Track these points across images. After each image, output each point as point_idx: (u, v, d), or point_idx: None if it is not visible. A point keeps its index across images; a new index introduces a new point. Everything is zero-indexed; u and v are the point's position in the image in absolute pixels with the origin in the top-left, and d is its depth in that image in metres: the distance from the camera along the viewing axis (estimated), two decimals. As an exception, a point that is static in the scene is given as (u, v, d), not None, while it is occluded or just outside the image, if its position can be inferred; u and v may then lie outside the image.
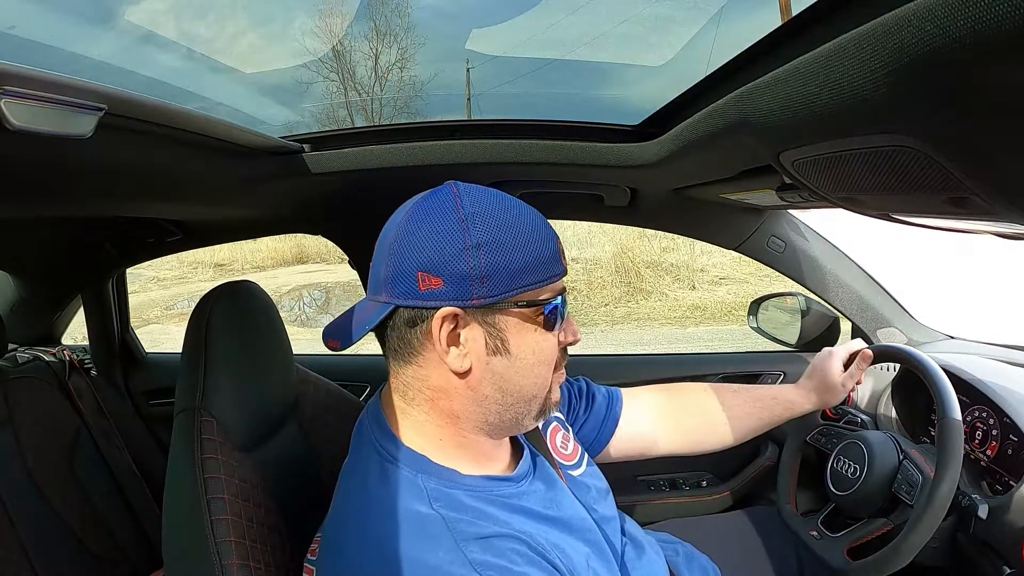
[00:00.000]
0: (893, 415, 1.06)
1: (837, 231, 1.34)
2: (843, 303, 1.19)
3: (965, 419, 0.88)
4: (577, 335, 0.62)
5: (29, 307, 1.52)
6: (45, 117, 0.44)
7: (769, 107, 0.51)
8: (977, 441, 0.89)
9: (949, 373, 0.86)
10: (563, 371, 0.63)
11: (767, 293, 1.33)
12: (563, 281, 0.59)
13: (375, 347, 0.62)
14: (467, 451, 0.59)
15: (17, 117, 0.41)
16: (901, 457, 0.85)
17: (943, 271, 5.65)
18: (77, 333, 1.88)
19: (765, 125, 0.53)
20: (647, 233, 6.75)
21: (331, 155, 0.99)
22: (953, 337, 1.19)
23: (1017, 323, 4.12)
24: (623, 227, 5.46)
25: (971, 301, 4.75)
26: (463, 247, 0.52)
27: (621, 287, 6.76)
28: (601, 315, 6.20)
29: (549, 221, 0.60)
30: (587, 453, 0.78)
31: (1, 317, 1.31)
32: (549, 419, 0.74)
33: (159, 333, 6.10)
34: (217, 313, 0.73)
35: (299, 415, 0.83)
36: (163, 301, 7.85)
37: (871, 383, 1.12)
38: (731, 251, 1.23)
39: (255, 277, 1.09)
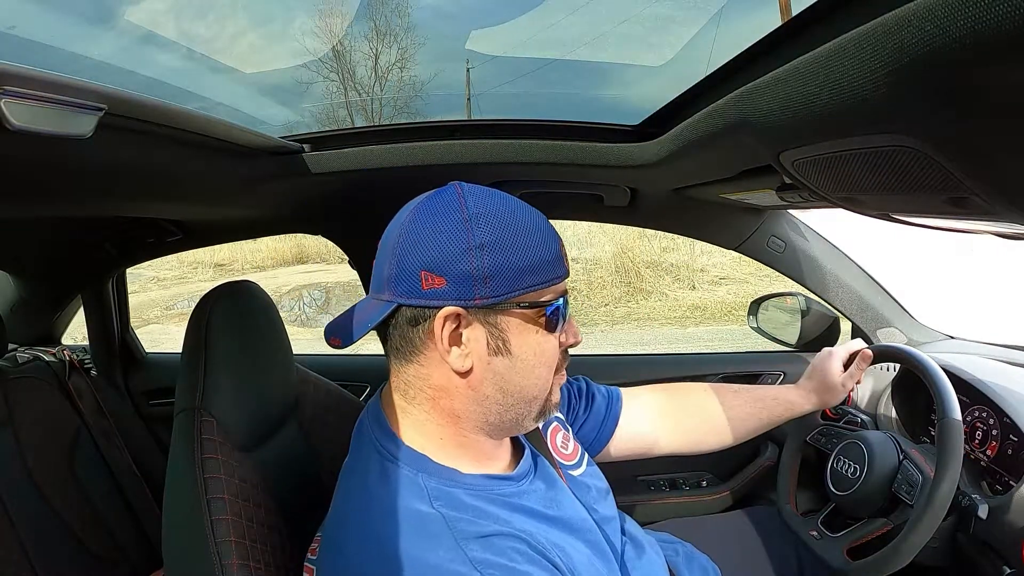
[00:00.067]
0: (893, 415, 1.06)
1: (837, 231, 1.34)
2: (843, 303, 1.19)
3: (965, 419, 0.88)
4: (578, 337, 0.62)
5: (29, 307, 1.52)
6: (45, 117, 0.44)
7: (769, 107, 0.51)
8: (977, 441, 0.89)
9: (949, 373, 0.86)
10: (564, 373, 0.63)
11: (767, 293, 1.33)
12: (565, 283, 0.59)
13: (375, 347, 0.62)
14: (467, 450, 0.59)
15: (17, 117, 0.41)
16: (901, 457, 0.85)
17: (943, 271, 5.65)
18: (77, 333, 1.88)
19: (765, 125, 0.53)
20: (647, 233, 6.75)
21: (331, 155, 0.99)
22: (953, 337, 1.19)
23: (1017, 323, 4.12)
24: (623, 227, 5.46)
25: (971, 301, 4.75)
26: (467, 247, 0.52)
27: (621, 287, 6.76)
28: (601, 315, 6.19)
29: (550, 222, 0.60)
30: (587, 453, 0.78)
31: (1, 317, 1.31)
32: (549, 419, 0.74)
33: (159, 333, 6.10)
34: (217, 313, 0.73)
35: (299, 415, 0.83)
36: (163, 301, 7.85)
37: (871, 383, 1.12)
38: (731, 251, 1.23)
39: (255, 277, 1.09)
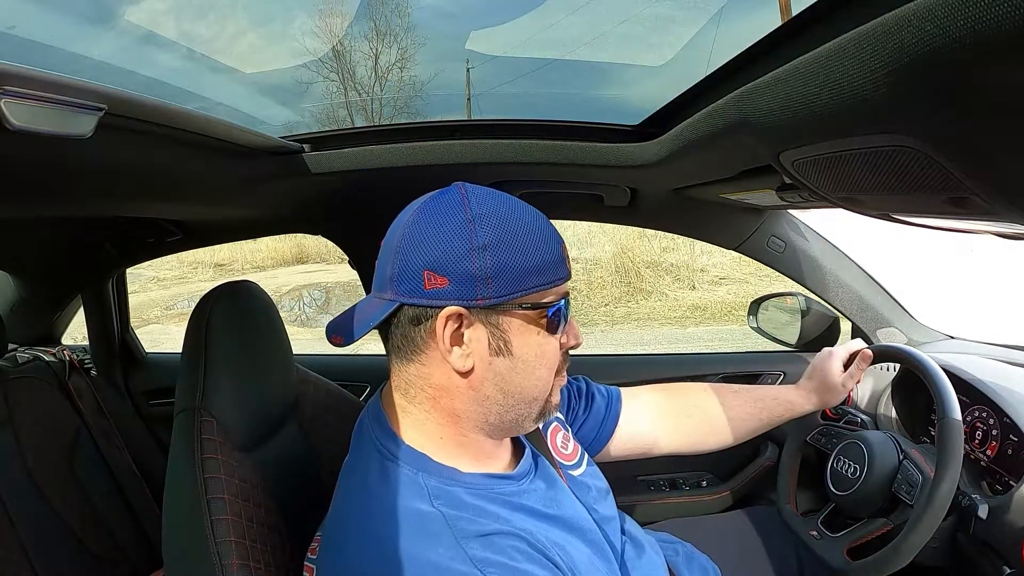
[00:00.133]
0: (893, 415, 1.06)
1: (837, 231, 1.34)
2: (843, 303, 1.19)
3: (965, 419, 0.88)
4: (579, 339, 0.62)
5: (29, 307, 1.52)
6: (45, 117, 0.44)
7: (769, 107, 0.51)
8: (977, 441, 0.89)
9: (949, 373, 0.86)
10: (564, 374, 0.63)
11: (767, 293, 1.33)
12: (567, 285, 0.59)
13: (375, 347, 0.62)
14: (467, 450, 0.59)
15: (17, 117, 0.41)
16: (901, 457, 0.85)
17: (943, 271, 5.65)
18: (77, 333, 1.88)
19: (765, 125, 0.53)
20: (647, 233, 6.75)
21: (331, 155, 0.99)
22: (953, 337, 1.19)
23: (1017, 323, 4.12)
24: (623, 227, 5.46)
25: (971, 301, 4.75)
26: (470, 247, 0.52)
27: (621, 287, 6.76)
28: (601, 315, 6.19)
29: (552, 223, 0.60)
30: (587, 453, 0.78)
31: (1, 317, 1.31)
32: (549, 419, 0.74)
33: (159, 333, 6.10)
34: (217, 313, 0.73)
35: (299, 415, 0.83)
36: (163, 301, 7.85)
37: (871, 383, 1.12)
38: (731, 251, 1.23)
39: (255, 277, 1.09)
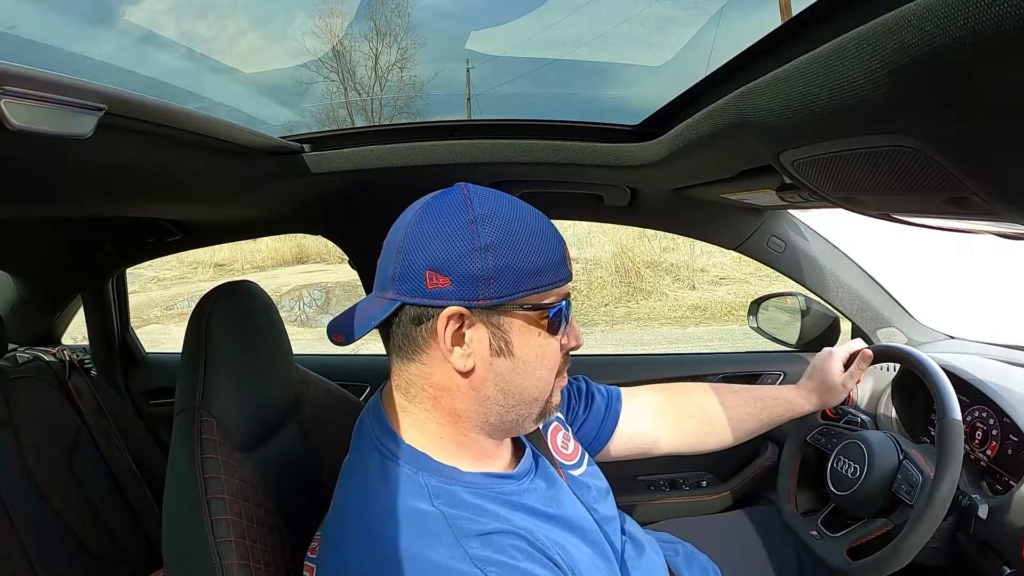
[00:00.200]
0: (893, 415, 1.06)
1: (837, 231, 1.34)
2: (843, 303, 1.19)
3: (965, 419, 0.88)
4: (580, 340, 0.62)
5: (29, 307, 1.52)
6: (45, 117, 0.44)
7: (769, 107, 0.51)
8: (977, 441, 0.89)
9: (949, 373, 0.86)
10: (565, 375, 0.63)
11: (767, 293, 1.33)
12: (568, 286, 0.59)
13: (375, 347, 0.62)
14: (468, 449, 0.59)
15: (17, 117, 0.41)
16: (901, 457, 0.85)
17: (943, 271, 5.65)
18: (77, 333, 1.88)
19: (765, 125, 0.53)
20: (647, 233, 6.75)
21: (331, 155, 0.99)
22: (953, 337, 1.19)
23: (1017, 323, 4.12)
24: (623, 227, 5.46)
25: (971, 301, 4.75)
26: (472, 248, 0.53)
27: (621, 287, 6.76)
28: (601, 315, 6.19)
29: (554, 225, 0.60)
30: (587, 453, 0.78)
31: (1, 317, 1.31)
32: (549, 419, 0.74)
33: (159, 333, 6.10)
34: (217, 313, 0.73)
35: (299, 415, 0.83)
36: (163, 301, 7.85)
37: (871, 383, 1.12)
38: (731, 251, 1.23)
39: (255, 277, 1.09)
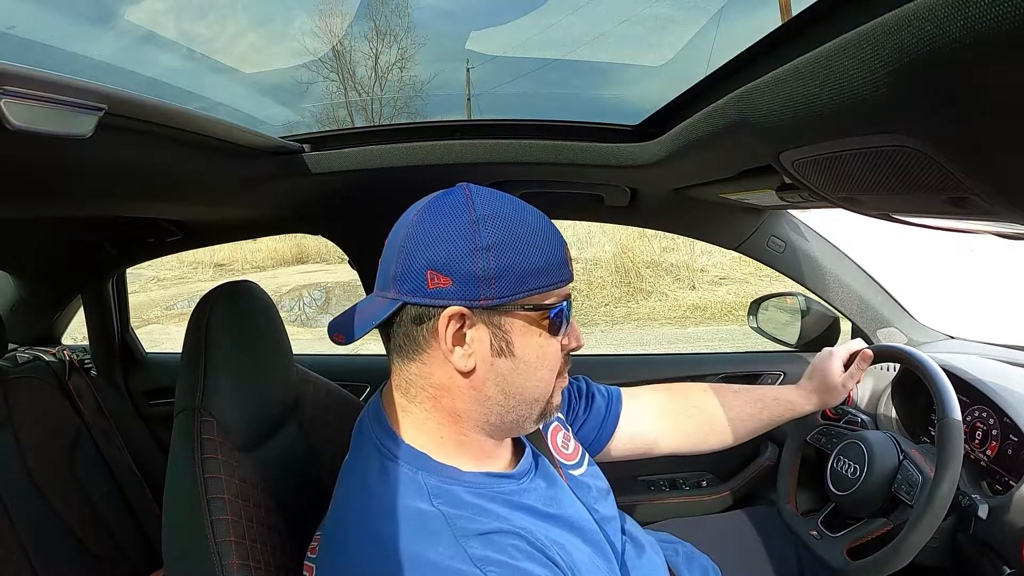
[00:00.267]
0: (893, 415, 1.06)
1: (837, 231, 1.34)
2: (843, 303, 1.19)
3: (965, 419, 0.88)
4: (581, 341, 0.62)
5: (29, 307, 1.52)
6: (45, 117, 0.44)
7: (769, 107, 0.51)
8: (977, 441, 0.89)
9: (949, 373, 0.86)
10: (566, 376, 0.63)
11: (767, 293, 1.33)
12: (569, 287, 0.59)
13: (376, 347, 0.62)
14: (468, 449, 0.59)
15: (17, 117, 0.41)
16: (901, 457, 0.85)
17: (943, 271, 5.65)
18: (77, 333, 1.88)
19: (765, 125, 0.53)
20: (647, 233, 6.75)
21: (331, 155, 0.99)
22: (953, 337, 1.19)
23: (1017, 323, 4.12)
24: (623, 227, 5.45)
25: (971, 301, 4.75)
26: (473, 248, 0.53)
27: (621, 287, 6.76)
28: (601, 315, 6.19)
29: (555, 226, 0.60)
30: (587, 453, 0.78)
31: (1, 317, 1.31)
32: (550, 419, 0.74)
33: (159, 333, 6.10)
34: (217, 313, 0.73)
35: (299, 415, 0.83)
36: (163, 301, 7.85)
37: (871, 383, 1.12)
38: (731, 251, 1.23)
39: (255, 277, 1.09)
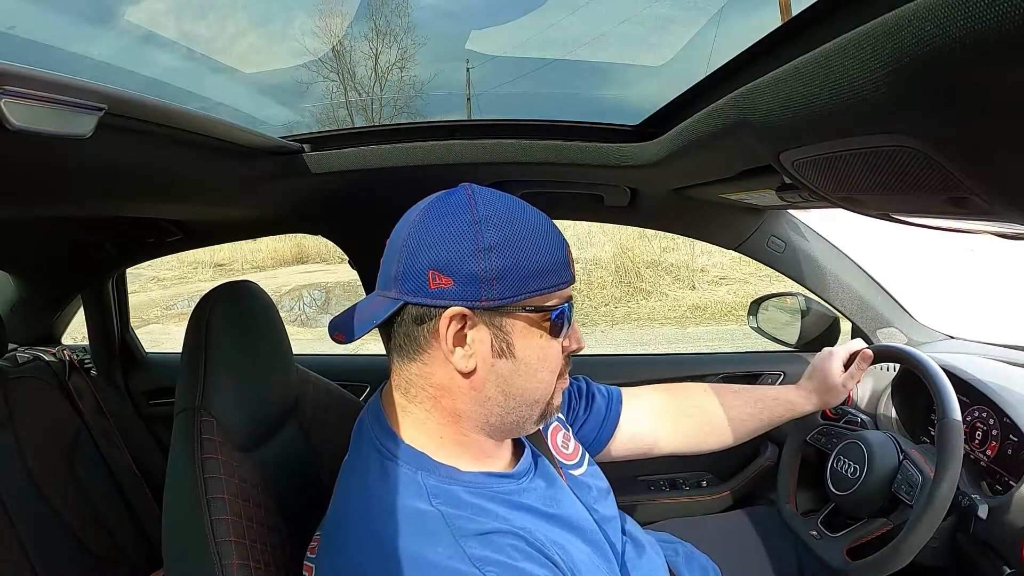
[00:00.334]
0: (893, 415, 1.06)
1: (837, 231, 1.34)
2: (843, 303, 1.19)
3: (965, 419, 0.88)
4: (582, 342, 0.62)
5: (29, 307, 1.52)
6: (45, 117, 0.44)
7: (769, 107, 0.51)
8: (977, 441, 0.89)
9: (949, 373, 0.86)
10: (567, 377, 0.63)
11: (767, 293, 1.33)
12: (571, 289, 0.59)
13: (376, 347, 0.62)
14: (467, 449, 0.59)
15: (17, 117, 0.41)
16: (901, 457, 0.85)
17: (943, 271, 5.65)
18: (77, 333, 1.88)
19: (765, 125, 0.53)
20: (647, 233, 6.75)
21: (331, 155, 0.99)
22: (953, 337, 1.19)
23: (1017, 323, 4.12)
24: (623, 227, 5.46)
25: (971, 301, 4.75)
26: (475, 249, 0.52)
27: (621, 287, 6.76)
28: (601, 315, 6.19)
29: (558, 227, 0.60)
30: (587, 453, 0.78)
31: (1, 317, 1.31)
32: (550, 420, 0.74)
33: (159, 333, 6.10)
34: (217, 313, 0.73)
35: (299, 415, 0.83)
36: (163, 301, 7.85)
37: (871, 383, 1.12)
38: (731, 251, 1.23)
39: (255, 277, 1.09)
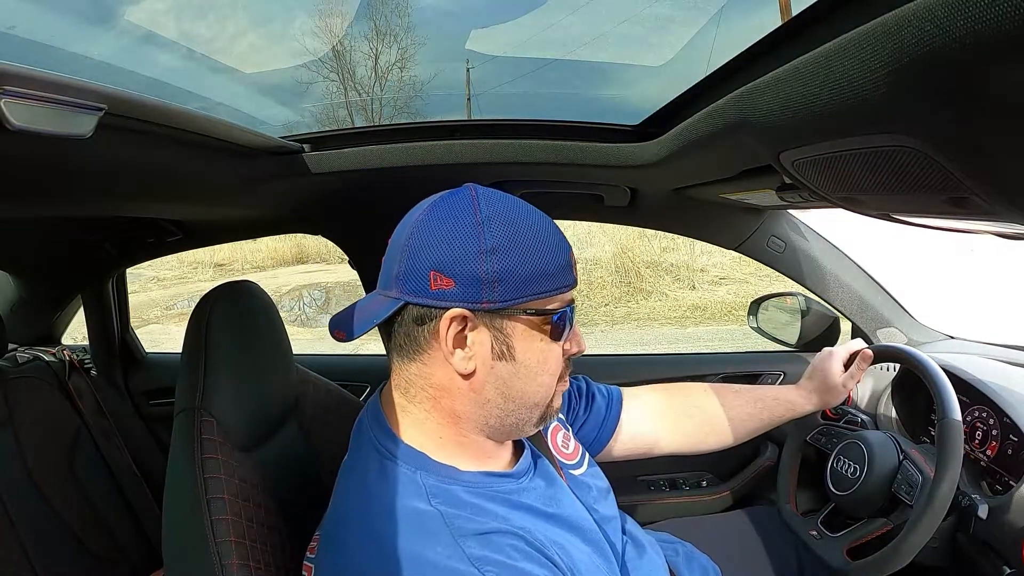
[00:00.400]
0: (893, 415, 1.06)
1: (837, 231, 1.34)
2: (843, 303, 1.19)
3: (965, 419, 0.88)
4: (583, 346, 0.62)
5: (29, 307, 1.52)
6: (45, 117, 0.44)
7: (769, 107, 0.51)
8: (977, 441, 0.89)
9: (949, 373, 0.86)
10: (567, 380, 0.63)
11: (767, 293, 1.33)
12: (573, 292, 0.59)
13: (376, 347, 0.62)
14: (467, 449, 0.59)
15: (17, 117, 0.41)
16: (901, 457, 0.85)
17: (943, 271, 5.65)
18: (77, 333, 1.88)
19: (765, 125, 0.53)
20: (647, 233, 6.75)
21: (331, 155, 0.99)
22: (953, 337, 1.19)
23: (1017, 323, 4.12)
24: (623, 227, 5.46)
25: (971, 301, 4.75)
26: (477, 250, 0.52)
27: (621, 287, 6.76)
28: (601, 315, 6.19)
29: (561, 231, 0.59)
30: (587, 452, 0.78)
31: (1, 317, 1.31)
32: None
33: (159, 333, 6.10)
34: (217, 313, 0.73)
35: (299, 415, 0.83)
36: (163, 301, 7.85)
37: (871, 383, 1.12)
38: (731, 251, 1.23)
39: (255, 277, 1.09)
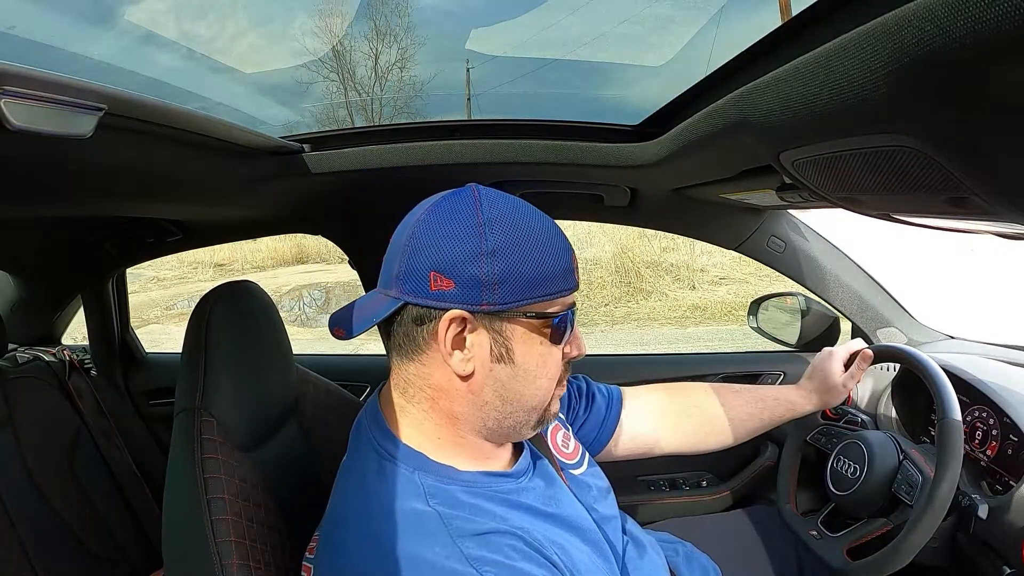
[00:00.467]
0: (893, 415, 1.06)
1: (837, 231, 1.34)
2: (843, 303, 1.19)
3: (965, 419, 0.88)
4: (583, 349, 0.62)
5: (29, 307, 1.52)
6: (45, 117, 0.44)
7: (769, 107, 0.51)
8: (977, 441, 0.89)
9: (949, 373, 0.86)
10: (565, 383, 0.63)
11: (767, 293, 1.33)
12: (574, 296, 0.59)
13: (376, 347, 0.62)
14: (465, 449, 0.59)
15: (17, 117, 0.41)
16: (901, 457, 0.85)
17: (943, 271, 5.65)
18: (77, 333, 1.88)
19: (765, 125, 0.53)
20: (647, 233, 6.75)
21: (331, 155, 0.99)
22: (953, 337, 1.19)
23: (1017, 323, 4.12)
24: (623, 227, 5.46)
25: (971, 301, 4.75)
26: (478, 252, 0.52)
27: (621, 287, 6.76)
28: (601, 315, 6.19)
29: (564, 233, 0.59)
30: (587, 452, 0.78)
31: (1, 317, 1.31)
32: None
33: (159, 333, 6.10)
34: (217, 313, 0.73)
35: (299, 415, 0.83)
36: (163, 301, 7.85)
37: (871, 383, 1.12)
38: (731, 251, 1.23)
39: (255, 277, 1.09)
